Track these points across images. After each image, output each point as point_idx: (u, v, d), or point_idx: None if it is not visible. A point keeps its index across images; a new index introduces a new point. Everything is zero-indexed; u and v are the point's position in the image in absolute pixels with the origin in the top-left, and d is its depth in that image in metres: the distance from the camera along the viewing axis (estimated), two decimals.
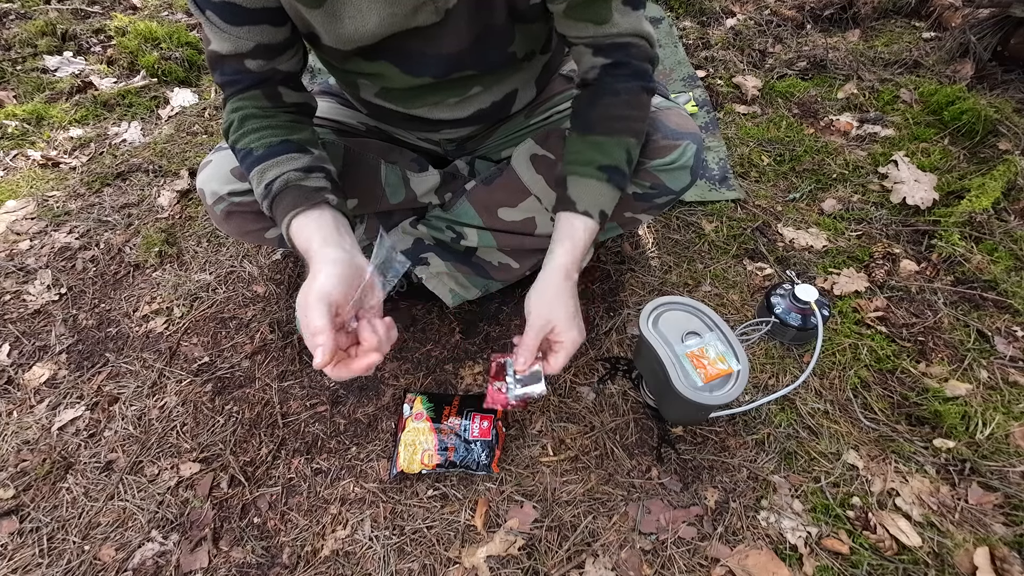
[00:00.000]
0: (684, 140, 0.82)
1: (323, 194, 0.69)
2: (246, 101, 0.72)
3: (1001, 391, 0.93)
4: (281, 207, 0.68)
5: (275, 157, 0.70)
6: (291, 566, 0.81)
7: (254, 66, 0.70)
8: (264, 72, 0.71)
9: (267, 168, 0.70)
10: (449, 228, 0.97)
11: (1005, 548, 0.76)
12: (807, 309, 0.97)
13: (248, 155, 0.72)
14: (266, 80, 0.72)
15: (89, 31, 2.03)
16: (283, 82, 0.74)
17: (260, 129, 0.72)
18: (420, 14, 0.66)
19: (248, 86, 0.72)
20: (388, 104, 0.83)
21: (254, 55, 0.69)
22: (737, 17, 1.93)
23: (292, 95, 0.75)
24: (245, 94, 0.72)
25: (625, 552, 0.80)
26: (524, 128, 0.96)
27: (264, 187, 0.70)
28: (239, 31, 0.66)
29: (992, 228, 1.14)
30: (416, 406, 0.93)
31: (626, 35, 0.71)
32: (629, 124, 0.74)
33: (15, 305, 1.19)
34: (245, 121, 0.72)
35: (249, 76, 0.71)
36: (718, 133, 1.47)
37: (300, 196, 0.68)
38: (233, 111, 0.73)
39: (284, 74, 0.73)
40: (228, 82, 0.72)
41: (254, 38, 0.67)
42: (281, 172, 0.69)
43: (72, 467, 0.94)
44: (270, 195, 0.69)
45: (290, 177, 0.69)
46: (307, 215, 0.67)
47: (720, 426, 0.92)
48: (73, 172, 1.51)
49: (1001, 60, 1.54)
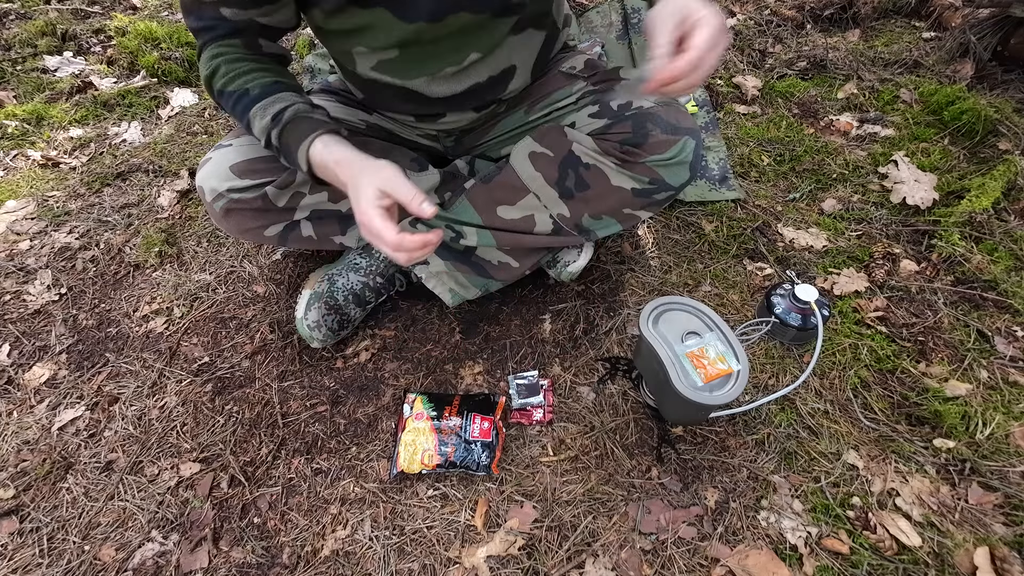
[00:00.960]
0: (683, 136, 0.82)
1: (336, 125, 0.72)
2: (226, 48, 0.72)
3: (1001, 391, 0.93)
4: (296, 133, 0.70)
5: (275, 94, 0.72)
6: (291, 566, 0.81)
7: (229, 13, 0.69)
8: (240, 21, 0.70)
9: (269, 104, 0.71)
10: (448, 227, 0.97)
11: (1005, 548, 0.76)
12: (807, 309, 0.97)
13: (243, 96, 0.72)
14: (244, 29, 0.72)
15: (89, 31, 2.03)
16: (262, 32, 0.74)
17: (251, 71, 0.72)
18: None
19: (226, 33, 0.71)
20: (385, 77, 0.82)
21: (229, 2, 0.68)
22: (737, 17, 1.93)
23: (272, 47, 0.76)
24: (223, 41, 0.72)
25: (625, 552, 0.80)
26: (523, 125, 0.96)
27: (271, 118, 0.71)
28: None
29: (992, 228, 1.14)
30: (416, 406, 0.93)
31: None
32: None
33: (15, 305, 1.19)
34: (232, 65, 0.72)
35: (226, 24, 0.70)
36: (718, 133, 1.47)
37: (315, 123, 0.71)
38: (214, 56, 0.72)
39: (260, 26, 0.73)
40: (204, 27, 0.71)
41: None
42: (288, 104, 0.71)
43: (72, 467, 0.94)
44: (280, 123, 0.71)
45: (299, 108, 0.71)
46: (329, 136, 0.70)
47: (720, 426, 0.92)
48: (73, 172, 1.52)
49: (1001, 60, 1.54)
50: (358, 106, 0.98)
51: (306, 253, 1.23)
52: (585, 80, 0.93)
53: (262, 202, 0.87)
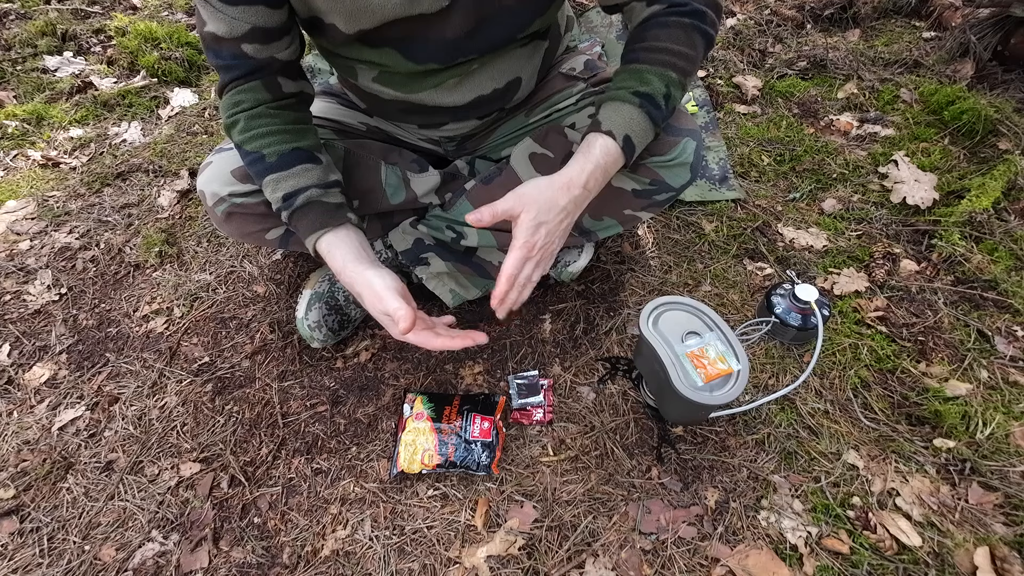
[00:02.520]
0: (683, 137, 0.82)
1: (344, 212, 0.74)
2: (247, 94, 0.73)
3: (1001, 391, 0.93)
4: (305, 222, 0.74)
5: (289, 168, 0.73)
6: (291, 566, 0.81)
7: (251, 50, 0.69)
8: (262, 59, 0.70)
9: (282, 179, 0.73)
10: (449, 228, 0.97)
11: (1005, 548, 0.76)
12: (807, 309, 0.97)
13: (259, 160, 0.74)
14: (264, 67, 0.72)
15: (89, 31, 2.03)
16: (281, 71, 0.74)
17: (270, 134, 0.73)
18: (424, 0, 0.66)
19: (246, 73, 0.71)
20: (387, 89, 0.82)
21: (250, 38, 0.68)
22: (737, 17, 1.93)
23: (291, 84, 0.76)
24: (244, 85, 0.72)
25: (625, 552, 0.80)
26: (524, 127, 0.96)
27: (283, 199, 0.74)
28: (234, 11, 0.65)
29: (992, 228, 1.14)
30: (416, 406, 0.93)
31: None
32: (673, 59, 0.71)
33: (15, 305, 1.19)
34: (253, 122, 0.73)
35: (247, 62, 0.70)
36: (718, 133, 1.47)
37: (324, 214, 0.73)
38: (235, 105, 0.73)
39: (281, 63, 0.73)
40: (226, 66, 0.71)
41: (249, 19, 0.66)
42: (300, 186, 0.73)
43: (72, 467, 0.94)
44: (291, 208, 0.73)
45: (312, 194, 0.73)
46: (335, 234, 0.73)
47: (720, 426, 0.92)
48: (73, 172, 1.52)
49: (1001, 60, 1.54)
50: (359, 108, 0.98)
51: (306, 254, 1.23)
52: (585, 81, 0.93)
53: (264, 207, 0.87)
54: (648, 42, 0.72)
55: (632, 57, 0.73)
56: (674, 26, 0.71)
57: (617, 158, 0.71)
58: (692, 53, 0.72)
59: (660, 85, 0.71)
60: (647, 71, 0.71)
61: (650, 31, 0.72)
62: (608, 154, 0.70)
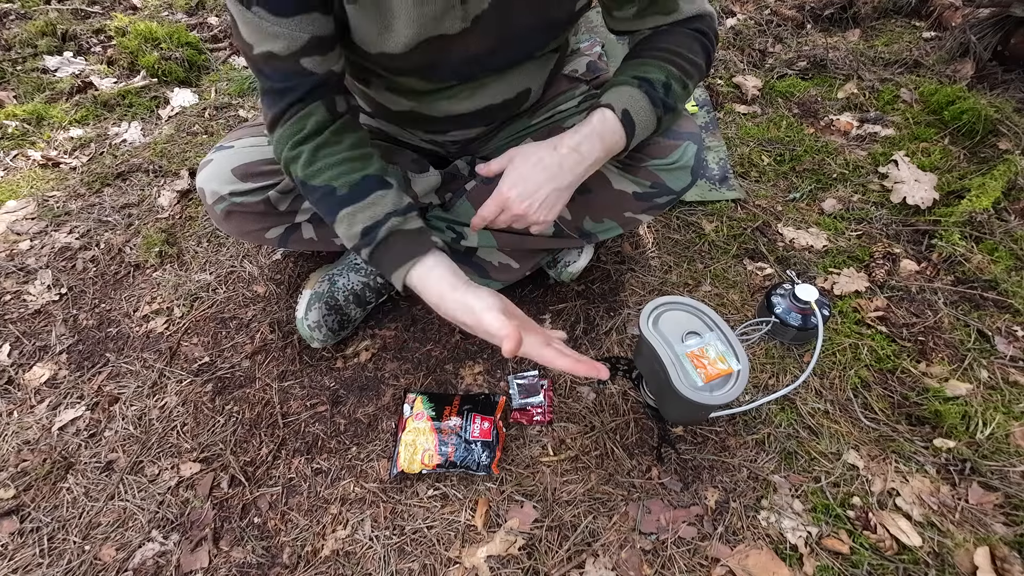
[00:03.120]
0: (684, 140, 0.82)
1: (428, 236, 0.70)
2: (308, 120, 0.68)
3: (1001, 391, 0.93)
4: (390, 255, 0.69)
5: (363, 199, 0.69)
6: (291, 566, 0.81)
7: (311, 65, 0.65)
8: (322, 74, 0.66)
9: (358, 210, 0.69)
10: (449, 228, 0.97)
11: (1005, 548, 0.76)
12: (807, 309, 0.97)
13: (331, 194, 0.69)
14: (324, 83, 0.67)
15: (89, 31, 2.03)
16: (337, 87, 0.70)
17: (337, 164, 0.69)
18: (447, 19, 0.65)
19: (307, 93, 0.67)
20: (399, 99, 0.82)
21: (309, 51, 0.63)
22: (737, 17, 1.93)
23: (343, 102, 0.72)
24: (304, 109, 0.68)
25: (625, 552, 0.80)
26: (526, 129, 0.96)
27: (362, 234, 0.69)
28: (290, 23, 0.60)
29: (992, 228, 1.14)
30: (416, 406, 0.93)
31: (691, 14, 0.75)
32: (673, 57, 0.73)
33: (15, 305, 1.19)
34: (318, 153, 0.69)
35: (308, 79, 0.66)
36: (718, 133, 1.47)
37: (410, 243, 0.69)
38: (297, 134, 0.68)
39: (337, 76, 0.69)
40: (284, 89, 0.66)
41: (307, 29, 0.61)
42: (379, 216, 0.69)
43: (72, 467, 0.94)
44: (373, 243, 0.69)
45: (393, 224, 0.69)
46: (424, 264, 0.68)
47: (720, 426, 0.92)
48: (73, 172, 1.52)
49: (1001, 60, 1.54)
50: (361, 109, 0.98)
51: (306, 253, 1.23)
52: (587, 83, 0.93)
53: (264, 206, 0.87)
54: (652, 43, 0.75)
55: (634, 56, 0.76)
56: (677, 33, 0.75)
57: (615, 129, 0.71)
58: (693, 57, 0.75)
59: (660, 75, 0.73)
60: (648, 62, 0.74)
61: (656, 37, 0.76)
62: (604, 122, 0.70)
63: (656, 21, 0.75)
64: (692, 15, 0.75)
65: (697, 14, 0.76)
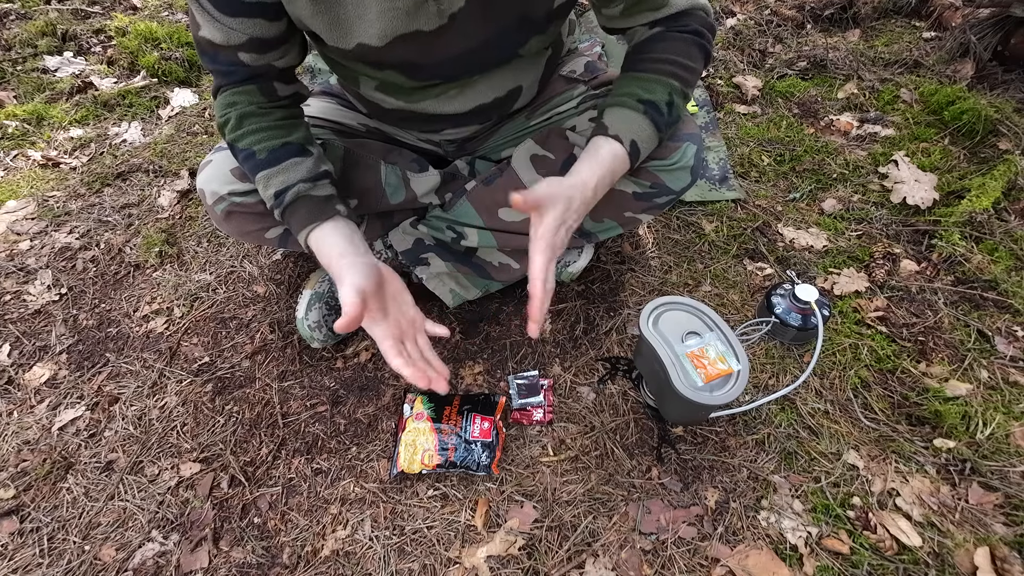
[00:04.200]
0: (684, 141, 0.82)
1: (333, 204, 0.73)
2: (240, 96, 0.72)
3: (1001, 391, 0.93)
4: (296, 218, 0.72)
5: (279, 163, 0.73)
6: (291, 566, 0.81)
7: (248, 59, 0.69)
8: (258, 67, 0.70)
9: (272, 175, 0.72)
10: (449, 228, 0.97)
11: (1005, 548, 0.76)
12: (807, 309, 0.97)
13: (250, 156, 0.73)
14: (261, 75, 0.72)
15: (89, 31, 2.03)
16: (278, 77, 0.74)
17: (260, 130, 0.73)
18: (421, 15, 0.66)
19: (243, 79, 0.71)
20: (389, 98, 0.83)
21: (247, 48, 0.68)
22: (737, 17, 1.93)
23: (285, 88, 0.76)
24: (239, 88, 0.72)
25: (625, 552, 0.80)
26: (524, 129, 0.96)
27: (274, 195, 0.73)
28: (232, 22, 0.65)
29: (992, 228, 1.14)
30: (416, 406, 0.93)
31: (683, 7, 0.74)
32: (675, 69, 0.73)
33: (15, 305, 1.19)
34: (243, 120, 0.73)
35: (244, 69, 0.70)
36: (718, 133, 1.47)
37: (314, 208, 0.72)
38: (228, 106, 0.73)
39: (278, 70, 0.73)
40: (221, 72, 0.71)
41: (247, 31, 0.66)
42: (290, 182, 0.72)
43: (72, 467, 0.94)
44: (282, 205, 0.73)
45: (300, 189, 0.72)
46: (322, 229, 0.71)
47: (720, 426, 0.92)
48: (73, 172, 1.52)
49: (1001, 60, 1.54)
50: (358, 109, 0.98)
51: (306, 253, 1.23)
52: (586, 84, 0.93)
53: (263, 206, 0.87)
54: (651, 53, 0.74)
55: (635, 66, 0.75)
56: (676, 40, 0.74)
57: (623, 162, 0.72)
58: (693, 65, 0.75)
59: (663, 93, 0.72)
60: (651, 79, 0.73)
61: (654, 43, 0.75)
62: (616, 158, 0.71)
63: (647, 17, 0.74)
64: (684, 8, 0.74)
65: (689, 7, 0.74)
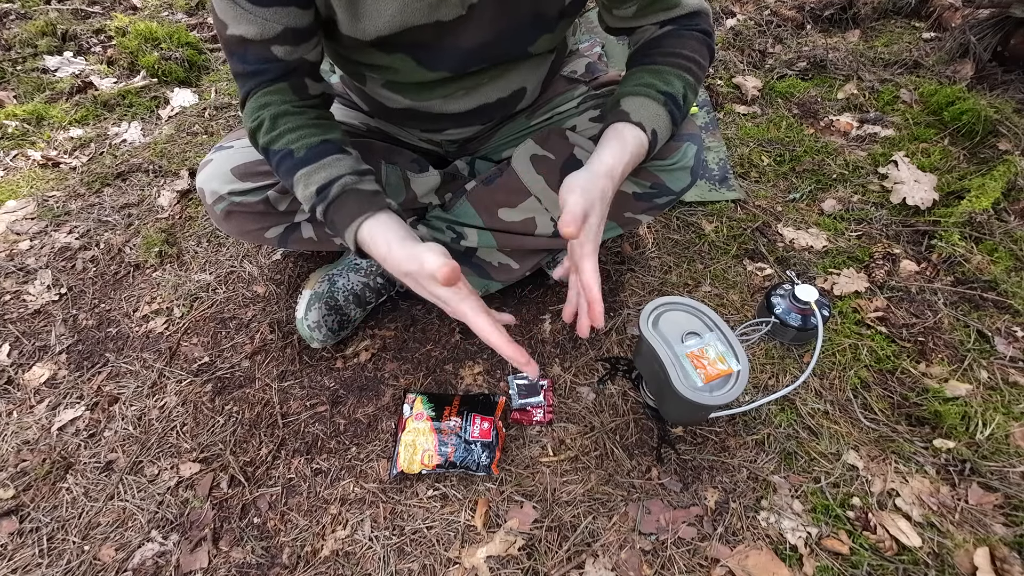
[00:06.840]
0: (684, 141, 0.82)
1: (382, 198, 0.69)
2: (273, 96, 0.70)
3: (1001, 391, 0.93)
4: (343, 212, 0.67)
5: (320, 160, 0.69)
6: (291, 566, 0.81)
7: (281, 53, 0.66)
8: (292, 61, 0.68)
9: (313, 171, 0.69)
10: (449, 228, 0.97)
11: (1005, 548, 0.76)
12: (807, 309, 0.97)
13: (287, 156, 0.70)
14: (294, 70, 0.69)
15: (89, 31, 2.03)
16: (309, 73, 0.72)
17: (296, 128, 0.70)
18: (443, 7, 0.65)
19: (275, 77, 0.69)
20: (395, 96, 0.82)
21: (282, 40, 0.65)
22: (737, 17, 1.93)
23: (316, 86, 0.74)
24: (271, 87, 0.69)
25: (625, 552, 0.80)
26: (525, 129, 0.96)
27: (316, 192, 0.68)
28: (266, 12, 0.62)
29: (992, 228, 1.14)
30: (416, 406, 0.93)
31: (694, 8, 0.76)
32: (690, 65, 0.74)
33: (15, 305, 1.19)
34: (277, 120, 0.70)
35: (277, 65, 0.67)
36: (718, 133, 1.47)
37: (363, 201, 0.67)
38: (260, 108, 0.70)
39: (310, 64, 0.71)
40: (253, 72, 0.68)
41: (282, 20, 0.63)
42: (334, 176, 0.68)
43: (72, 467, 0.94)
44: (326, 200, 0.68)
45: (347, 181, 0.68)
46: (376, 219, 0.66)
47: (720, 426, 0.92)
48: (73, 172, 1.52)
49: (1001, 60, 1.54)
50: (359, 109, 0.98)
51: (306, 253, 1.23)
52: (586, 84, 0.93)
53: (263, 205, 0.87)
54: (666, 48, 0.74)
55: (651, 60, 0.74)
56: (689, 37, 0.75)
57: (644, 151, 0.70)
58: (704, 63, 0.76)
59: (680, 86, 0.73)
60: (668, 72, 0.73)
61: (667, 39, 0.75)
62: (640, 145, 0.69)
63: (659, 17, 0.75)
64: (693, 10, 0.76)
65: (697, 9, 0.76)
